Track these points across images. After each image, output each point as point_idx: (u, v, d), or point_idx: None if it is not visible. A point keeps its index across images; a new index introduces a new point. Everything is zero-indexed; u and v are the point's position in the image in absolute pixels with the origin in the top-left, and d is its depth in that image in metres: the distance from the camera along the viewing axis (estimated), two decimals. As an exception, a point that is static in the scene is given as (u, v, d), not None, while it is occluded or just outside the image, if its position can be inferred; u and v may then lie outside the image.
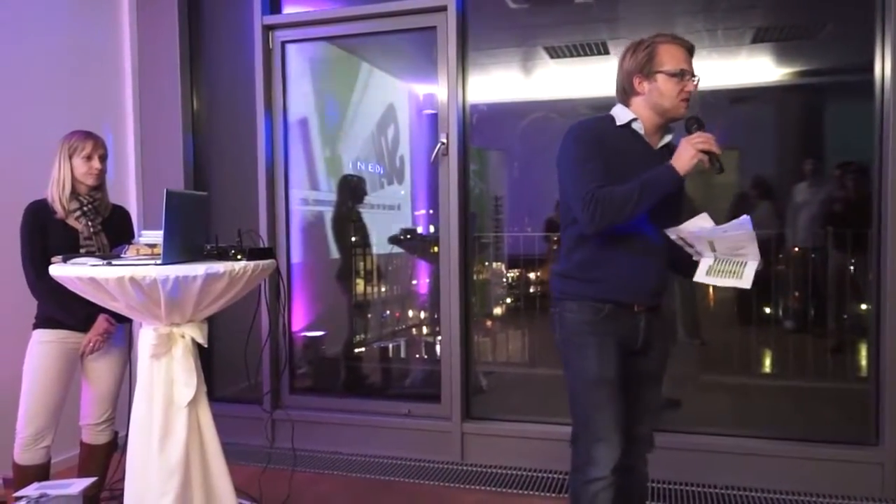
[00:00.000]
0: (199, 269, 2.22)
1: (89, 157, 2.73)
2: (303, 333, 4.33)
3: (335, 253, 4.46)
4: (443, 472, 3.60)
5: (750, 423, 3.46)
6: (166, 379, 2.37)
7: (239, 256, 2.40)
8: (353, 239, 4.42)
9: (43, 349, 2.69)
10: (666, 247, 2.16)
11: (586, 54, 3.78)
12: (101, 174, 2.79)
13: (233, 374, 3.98)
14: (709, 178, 3.83)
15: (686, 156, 2.00)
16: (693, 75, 2.10)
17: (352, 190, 4.41)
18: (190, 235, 2.36)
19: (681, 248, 2.16)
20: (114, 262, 2.25)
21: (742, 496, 3.23)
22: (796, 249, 3.65)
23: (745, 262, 2.03)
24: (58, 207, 2.71)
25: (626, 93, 2.18)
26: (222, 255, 2.42)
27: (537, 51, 3.92)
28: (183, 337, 2.39)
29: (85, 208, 2.75)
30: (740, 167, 3.73)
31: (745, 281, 2.02)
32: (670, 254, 2.17)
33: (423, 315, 4.52)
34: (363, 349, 4.45)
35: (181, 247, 2.29)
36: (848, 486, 3.18)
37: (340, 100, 4.51)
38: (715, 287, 3.79)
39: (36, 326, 2.73)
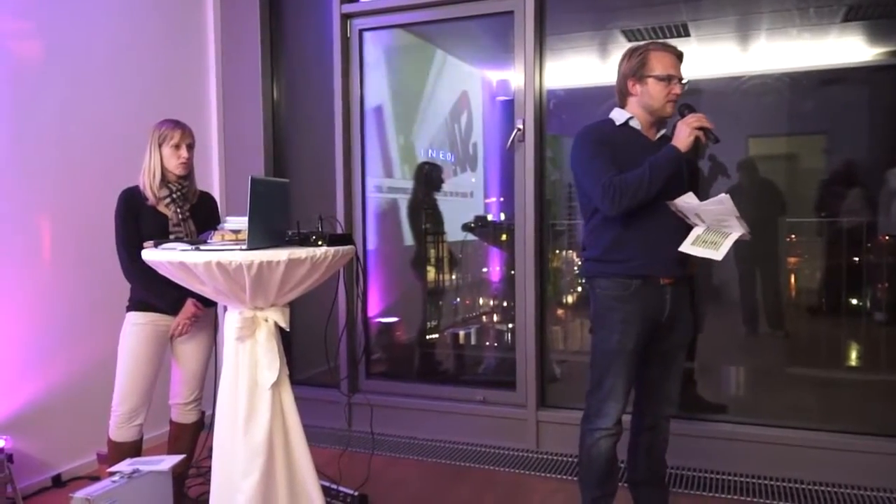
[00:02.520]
0: (282, 255, 2.25)
1: (177, 147, 2.80)
2: (378, 319, 4.39)
3: (409, 240, 4.49)
4: (518, 460, 3.60)
5: (835, 418, 3.32)
6: (250, 361, 2.42)
7: (320, 242, 2.44)
8: (428, 226, 4.44)
9: (135, 331, 2.79)
10: (681, 221, 2.41)
11: (665, 37, 3.67)
12: (190, 163, 2.87)
13: (312, 357, 4.07)
14: (796, 164, 3.70)
15: (683, 134, 2.30)
16: (680, 79, 2.39)
17: (427, 177, 4.42)
18: (273, 221, 2.41)
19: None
20: (201, 247, 2.32)
21: (829, 492, 3.12)
22: (886, 238, 3.47)
23: (730, 234, 2.27)
24: (149, 194, 2.80)
25: (622, 94, 2.49)
26: (304, 241, 2.46)
27: (614, 34, 3.83)
28: (266, 321, 2.44)
29: (174, 195, 2.83)
30: (829, 151, 3.57)
31: (720, 253, 2.25)
32: (685, 227, 2.41)
33: (496, 302, 4.51)
34: (437, 335, 4.48)
35: (265, 232, 2.33)
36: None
37: (414, 87, 4.53)
38: (796, 277, 3.67)
39: (129, 309, 2.83)
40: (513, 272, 3.81)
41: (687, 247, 2.32)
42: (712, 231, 2.30)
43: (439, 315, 4.51)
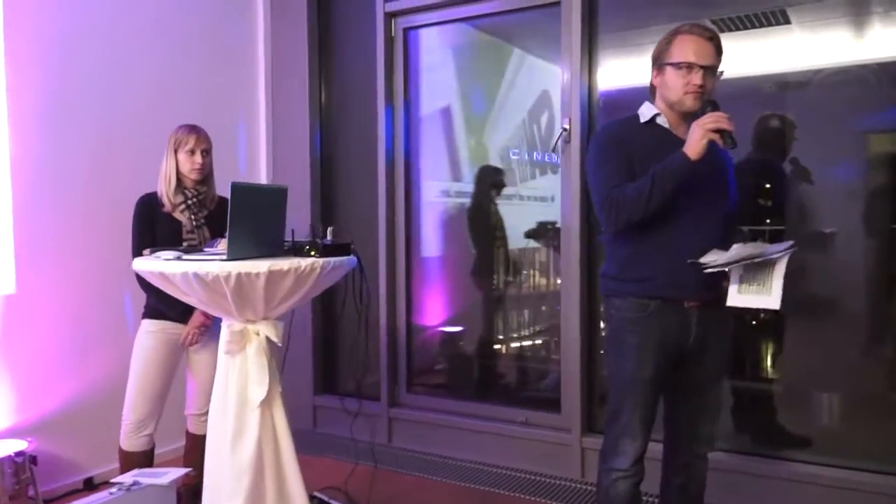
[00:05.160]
0: (261, 266, 2.13)
1: (192, 152, 2.77)
2: (427, 330, 4.18)
3: (469, 247, 4.28)
4: (560, 490, 3.30)
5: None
6: (240, 377, 2.33)
7: (313, 252, 2.30)
8: (488, 233, 4.21)
9: (148, 339, 2.78)
10: (718, 233, 2.10)
11: (761, 26, 3.21)
12: (205, 168, 2.81)
13: (355, 370, 3.94)
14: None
15: (695, 138, 1.97)
16: (701, 67, 2.02)
17: (489, 181, 4.20)
18: (261, 230, 2.29)
19: (732, 230, 2.23)
20: (184, 256, 2.24)
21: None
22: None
23: (773, 267, 1.93)
24: (165, 200, 2.78)
25: (651, 86, 2.18)
26: (298, 252, 2.34)
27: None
28: (258, 335, 2.34)
29: (189, 202, 2.80)
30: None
31: (774, 298, 1.92)
32: (723, 239, 2.08)
33: (553, 316, 4.19)
34: (485, 349, 4.20)
35: (249, 242, 2.22)
36: None
37: (488, 87, 4.31)
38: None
39: (144, 316, 2.83)
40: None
41: (734, 299, 2.01)
42: (752, 268, 1.97)
43: (491, 328, 4.25)
